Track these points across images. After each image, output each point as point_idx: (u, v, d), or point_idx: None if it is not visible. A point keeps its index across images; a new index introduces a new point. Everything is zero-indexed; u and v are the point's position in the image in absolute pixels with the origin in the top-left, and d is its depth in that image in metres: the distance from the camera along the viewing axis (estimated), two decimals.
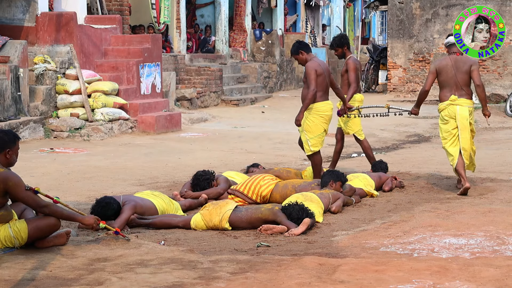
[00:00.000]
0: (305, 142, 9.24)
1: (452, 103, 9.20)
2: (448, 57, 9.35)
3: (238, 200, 8.31)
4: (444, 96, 9.28)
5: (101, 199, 7.21)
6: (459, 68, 9.21)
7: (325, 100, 9.22)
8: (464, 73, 9.22)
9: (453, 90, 9.25)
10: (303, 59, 9.19)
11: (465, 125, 9.22)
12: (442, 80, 9.26)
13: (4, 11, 15.44)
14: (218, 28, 24.32)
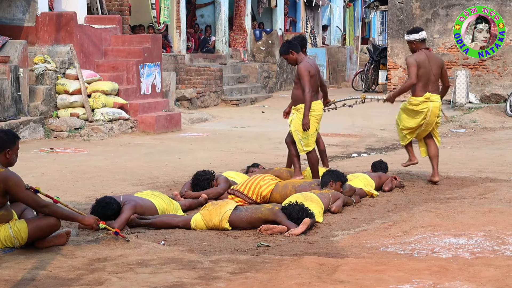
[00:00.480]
0: (298, 142, 9.18)
1: (427, 101, 9.51)
2: (423, 52, 9.61)
3: (238, 200, 8.31)
4: (419, 91, 9.54)
5: (101, 199, 7.21)
6: (433, 64, 9.59)
7: (316, 100, 9.22)
8: (437, 68, 9.60)
9: (428, 85, 9.55)
10: (293, 59, 9.15)
11: (432, 121, 9.59)
12: (419, 74, 9.48)
13: (4, 11, 15.44)
14: (218, 28, 24.32)
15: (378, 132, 16.55)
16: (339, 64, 32.79)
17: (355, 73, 29.58)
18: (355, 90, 27.09)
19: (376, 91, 25.93)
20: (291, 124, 9.21)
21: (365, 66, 27.13)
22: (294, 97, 9.23)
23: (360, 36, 37.05)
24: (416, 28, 9.99)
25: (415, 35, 9.74)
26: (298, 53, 9.15)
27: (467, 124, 18.31)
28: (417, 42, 9.74)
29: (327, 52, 31.74)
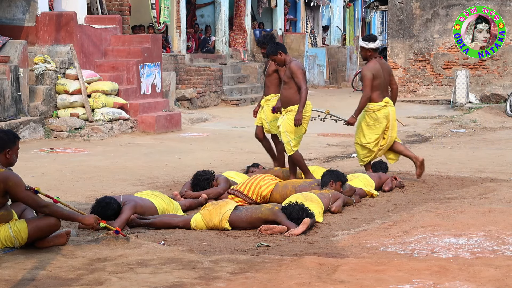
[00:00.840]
0: (287, 143, 9.09)
1: (386, 105, 9.84)
2: (376, 61, 9.76)
3: (238, 200, 8.31)
4: (378, 97, 9.82)
5: (101, 199, 7.21)
6: (385, 72, 9.85)
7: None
8: (388, 75, 9.90)
9: (384, 92, 9.89)
10: (282, 60, 9.10)
11: (395, 124, 9.97)
12: (377, 84, 9.74)
13: (4, 11, 15.44)
14: (218, 28, 24.32)
15: None
16: (339, 64, 32.79)
17: (355, 73, 29.58)
18: (355, 90, 27.10)
19: None
20: (281, 126, 9.11)
21: None
22: (284, 98, 9.13)
23: (360, 36, 37.04)
24: (372, 36, 9.95)
25: (372, 44, 9.72)
26: (286, 54, 9.17)
27: (467, 124, 18.31)
28: (373, 50, 9.74)
29: (327, 52, 31.74)
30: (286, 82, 9.08)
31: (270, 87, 9.94)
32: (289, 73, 9.05)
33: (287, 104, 9.10)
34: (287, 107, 9.10)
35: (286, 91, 9.08)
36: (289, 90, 9.04)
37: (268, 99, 9.95)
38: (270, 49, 9.15)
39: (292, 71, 9.00)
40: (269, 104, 9.87)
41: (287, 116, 9.08)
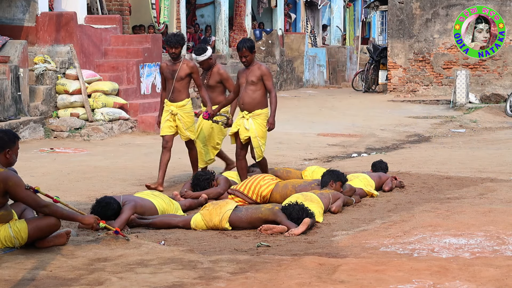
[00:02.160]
0: (258, 147, 8.82)
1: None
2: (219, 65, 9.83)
3: (238, 200, 8.31)
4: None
5: (101, 199, 7.21)
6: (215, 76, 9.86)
7: None
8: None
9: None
10: (251, 59, 8.87)
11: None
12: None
13: (4, 11, 15.44)
14: (218, 28, 24.32)
15: (378, 132, 16.56)
16: (339, 64, 32.79)
17: (355, 73, 29.59)
18: (355, 90, 27.10)
19: (376, 91, 25.94)
20: (251, 130, 8.78)
21: (365, 66, 27.13)
22: (251, 101, 8.79)
23: (360, 36, 37.04)
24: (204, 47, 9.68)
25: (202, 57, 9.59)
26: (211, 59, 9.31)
27: (467, 124, 18.31)
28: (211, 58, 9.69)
29: (327, 52, 31.74)
30: (254, 84, 8.76)
31: (182, 92, 9.35)
32: (258, 75, 8.77)
33: (254, 108, 8.80)
34: (253, 111, 8.79)
35: (253, 94, 8.78)
36: (257, 92, 8.78)
37: (182, 105, 9.37)
38: (250, 43, 8.85)
39: (264, 73, 8.78)
40: (185, 110, 9.38)
41: (257, 120, 8.80)
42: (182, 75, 9.27)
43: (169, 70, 9.31)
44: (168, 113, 9.42)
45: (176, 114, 9.36)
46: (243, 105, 8.84)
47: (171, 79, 9.27)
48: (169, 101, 9.40)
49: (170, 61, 9.34)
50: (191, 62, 9.35)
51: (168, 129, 9.48)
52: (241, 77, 8.93)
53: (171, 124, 9.44)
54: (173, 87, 9.30)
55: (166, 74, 9.35)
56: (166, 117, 9.45)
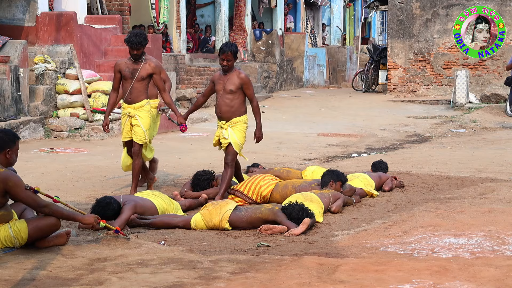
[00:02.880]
0: (235, 153, 8.40)
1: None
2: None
3: (238, 200, 8.31)
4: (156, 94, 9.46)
5: (101, 199, 7.21)
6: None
7: None
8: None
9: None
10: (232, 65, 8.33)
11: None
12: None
13: (4, 11, 15.44)
14: (218, 28, 24.33)
15: (378, 132, 16.56)
16: (339, 64, 32.79)
17: (355, 73, 29.59)
18: (355, 90, 27.10)
19: (377, 91, 25.94)
20: (231, 138, 8.37)
21: (365, 66, 27.13)
22: (229, 109, 8.37)
23: (360, 36, 37.05)
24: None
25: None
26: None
27: (467, 124, 18.31)
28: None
29: (327, 52, 31.74)
30: (232, 93, 8.32)
31: (142, 93, 8.76)
32: (238, 83, 8.31)
33: (232, 116, 8.39)
34: (231, 120, 8.39)
35: (231, 102, 8.34)
36: (235, 101, 8.34)
37: (140, 106, 8.81)
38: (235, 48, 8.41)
39: (244, 82, 8.31)
40: (143, 112, 8.82)
41: (237, 127, 8.40)
42: (143, 75, 8.68)
43: (128, 69, 8.67)
44: (126, 116, 8.82)
45: (134, 116, 8.77)
46: (220, 113, 8.42)
47: (131, 78, 8.66)
48: (126, 103, 8.79)
49: (129, 60, 8.70)
50: (153, 61, 8.81)
51: (127, 134, 8.93)
52: (217, 83, 8.42)
53: (129, 129, 8.89)
54: (132, 87, 8.69)
55: (125, 73, 8.69)
56: (124, 121, 8.86)
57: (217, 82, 8.44)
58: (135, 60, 8.67)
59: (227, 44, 8.37)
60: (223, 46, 8.35)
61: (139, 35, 8.53)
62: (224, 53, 8.26)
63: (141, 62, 8.67)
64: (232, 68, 8.37)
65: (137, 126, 8.80)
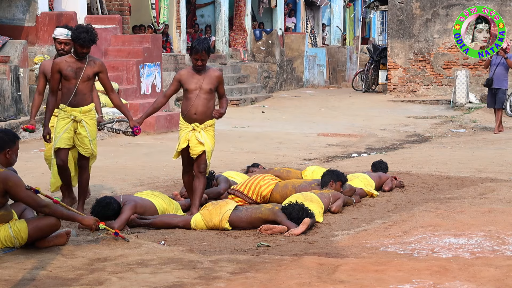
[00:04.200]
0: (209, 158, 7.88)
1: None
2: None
3: (238, 200, 8.31)
4: None
5: (101, 199, 7.22)
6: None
7: None
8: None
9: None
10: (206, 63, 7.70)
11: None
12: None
13: (4, 11, 15.45)
14: (218, 28, 24.32)
15: (378, 132, 16.56)
16: (339, 64, 32.78)
17: (355, 73, 29.59)
18: (355, 90, 27.10)
19: (377, 91, 25.94)
20: (206, 144, 7.75)
21: (365, 66, 27.13)
22: (204, 111, 7.73)
23: (360, 36, 37.04)
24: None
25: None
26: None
27: (467, 124, 18.32)
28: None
29: (327, 52, 31.73)
30: (210, 93, 7.72)
31: (88, 95, 7.74)
32: (216, 82, 7.74)
33: (206, 118, 7.74)
34: (204, 122, 7.75)
35: (208, 103, 7.72)
36: (211, 101, 7.75)
37: (88, 111, 7.76)
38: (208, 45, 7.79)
39: (221, 80, 7.77)
40: (90, 118, 7.79)
41: (210, 133, 7.80)
42: (89, 74, 7.67)
43: (71, 68, 7.60)
44: (69, 120, 7.66)
45: (80, 121, 7.68)
46: (195, 115, 7.70)
47: (75, 78, 7.61)
48: (69, 106, 7.66)
49: (70, 57, 7.68)
50: (98, 59, 7.92)
51: (68, 141, 7.72)
52: (188, 82, 7.70)
53: (71, 136, 7.72)
54: (77, 89, 7.63)
55: (67, 73, 7.60)
56: (65, 125, 7.67)
57: (188, 81, 7.71)
58: (80, 58, 7.63)
59: (200, 43, 7.66)
60: (195, 45, 7.65)
61: (90, 32, 7.55)
62: (199, 53, 7.59)
63: (85, 60, 7.64)
64: (204, 67, 7.74)
65: (84, 137, 7.71)
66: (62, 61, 7.69)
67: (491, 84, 16.26)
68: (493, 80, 16.21)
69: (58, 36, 8.08)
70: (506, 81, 16.39)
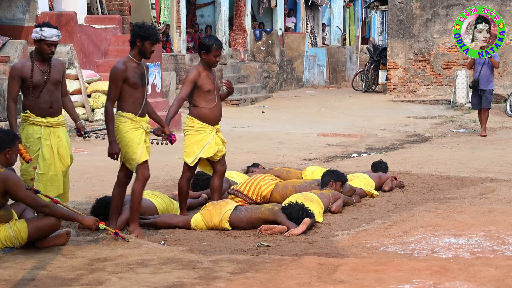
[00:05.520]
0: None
1: None
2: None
3: (238, 200, 8.31)
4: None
5: (102, 199, 7.22)
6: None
7: None
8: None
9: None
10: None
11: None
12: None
13: (4, 11, 15.44)
14: (218, 28, 24.32)
15: (378, 132, 16.56)
16: (339, 64, 32.77)
17: (355, 73, 29.58)
18: (355, 90, 27.10)
19: (377, 91, 25.93)
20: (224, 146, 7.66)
21: (365, 66, 27.13)
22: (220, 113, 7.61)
23: (360, 36, 37.04)
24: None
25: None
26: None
27: (467, 124, 18.32)
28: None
29: (327, 52, 31.73)
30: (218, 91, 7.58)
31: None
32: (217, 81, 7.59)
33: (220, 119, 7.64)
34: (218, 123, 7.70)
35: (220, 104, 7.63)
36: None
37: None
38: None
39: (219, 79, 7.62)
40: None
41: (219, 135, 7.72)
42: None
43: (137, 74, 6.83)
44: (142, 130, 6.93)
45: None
46: (219, 116, 7.53)
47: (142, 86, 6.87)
48: (140, 116, 6.90)
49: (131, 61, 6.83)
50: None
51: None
52: (207, 83, 7.35)
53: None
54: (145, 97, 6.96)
55: (135, 81, 6.79)
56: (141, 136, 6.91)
57: (205, 82, 7.37)
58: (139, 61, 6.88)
59: (216, 38, 7.45)
60: (215, 42, 7.34)
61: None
62: (221, 48, 7.42)
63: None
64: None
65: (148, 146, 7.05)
66: (126, 67, 6.76)
67: (478, 85, 15.86)
68: (479, 81, 15.80)
69: (50, 38, 6.70)
70: (492, 81, 16.03)
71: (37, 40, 6.71)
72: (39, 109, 6.72)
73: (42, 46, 6.72)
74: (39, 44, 6.71)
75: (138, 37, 6.79)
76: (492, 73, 15.98)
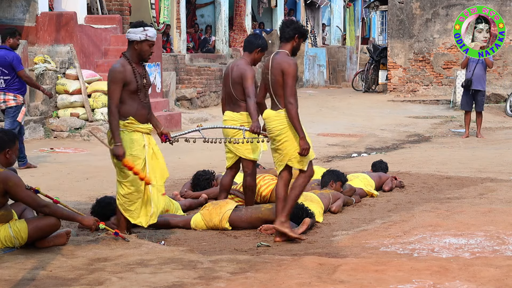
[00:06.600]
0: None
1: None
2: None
3: (238, 200, 8.30)
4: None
5: (102, 199, 7.22)
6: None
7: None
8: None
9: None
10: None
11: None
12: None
13: (4, 11, 15.44)
14: (218, 28, 24.32)
15: (378, 132, 16.56)
16: (339, 64, 32.78)
17: (355, 73, 29.58)
18: (355, 90, 27.09)
19: (377, 91, 25.93)
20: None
21: (365, 66, 27.13)
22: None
23: (360, 36, 37.04)
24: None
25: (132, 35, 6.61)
26: None
27: None
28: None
29: (327, 52, 31.73)
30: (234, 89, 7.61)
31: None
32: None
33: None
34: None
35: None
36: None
37: None
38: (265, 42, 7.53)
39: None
40: None
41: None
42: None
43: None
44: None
45: None
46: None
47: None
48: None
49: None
50: None
51: None
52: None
53: None
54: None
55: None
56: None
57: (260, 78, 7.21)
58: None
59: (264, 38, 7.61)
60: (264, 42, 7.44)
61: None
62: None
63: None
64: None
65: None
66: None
67: (470, 85, 15.38)
68: (472, 81, 15.31)
69: (153, 38, 6.58)
70: (485, 82, 15.55)
71: (139, 41, 6.45)
72: (141, 115, 6.51)
73: (144, 47, 6.50)
74: (140, 45, 6.46)
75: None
76: (485, 74, 15.62)
